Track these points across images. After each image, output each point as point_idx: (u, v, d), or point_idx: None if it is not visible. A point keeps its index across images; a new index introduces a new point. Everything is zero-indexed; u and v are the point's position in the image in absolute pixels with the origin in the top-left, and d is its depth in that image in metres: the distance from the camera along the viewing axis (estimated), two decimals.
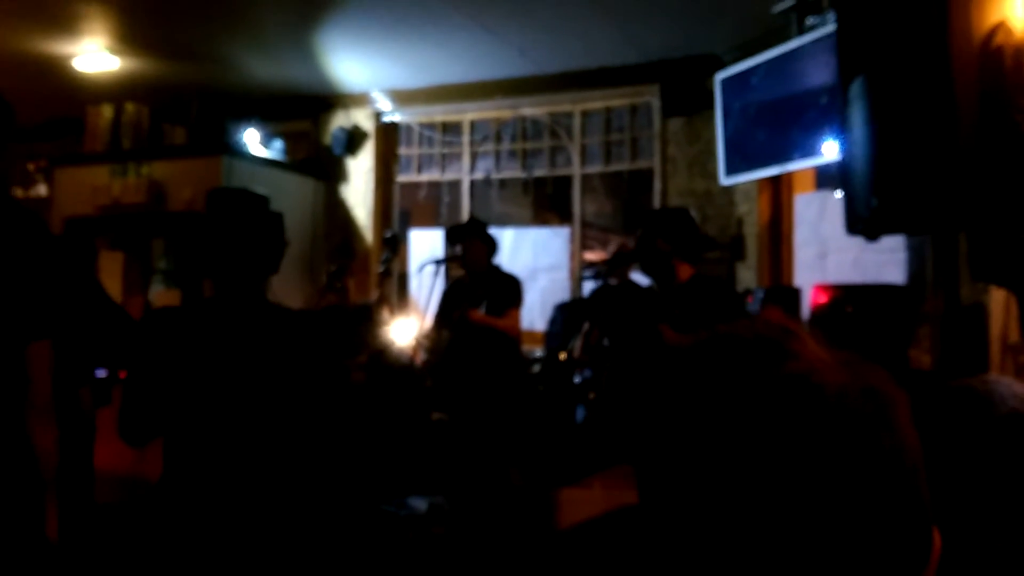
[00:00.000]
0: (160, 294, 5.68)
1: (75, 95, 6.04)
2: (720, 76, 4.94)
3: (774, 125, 4.69)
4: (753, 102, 4.82)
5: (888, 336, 3.63)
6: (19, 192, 6.97)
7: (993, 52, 1.72)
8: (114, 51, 5.41)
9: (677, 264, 2.97)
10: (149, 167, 5.61)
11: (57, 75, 5.74)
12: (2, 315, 1.76)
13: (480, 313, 3.86)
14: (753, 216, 5.19)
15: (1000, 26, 1.72)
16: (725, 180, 4.91)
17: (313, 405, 2.04)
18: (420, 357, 4.28)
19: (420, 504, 3.58)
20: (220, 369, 1.94)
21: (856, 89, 2.02)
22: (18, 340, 1.80)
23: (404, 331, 5.39)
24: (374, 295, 4.99)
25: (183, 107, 5.89)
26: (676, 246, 2.98)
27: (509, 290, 4.01)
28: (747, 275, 5.22)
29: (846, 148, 2.17)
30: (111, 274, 5.62)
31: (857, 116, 2.02)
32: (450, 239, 4.21)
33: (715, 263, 5.34)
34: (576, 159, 6.22)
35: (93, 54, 5.46)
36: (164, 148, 5.71)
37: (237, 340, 1.97)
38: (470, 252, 4.05)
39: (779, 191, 5.16)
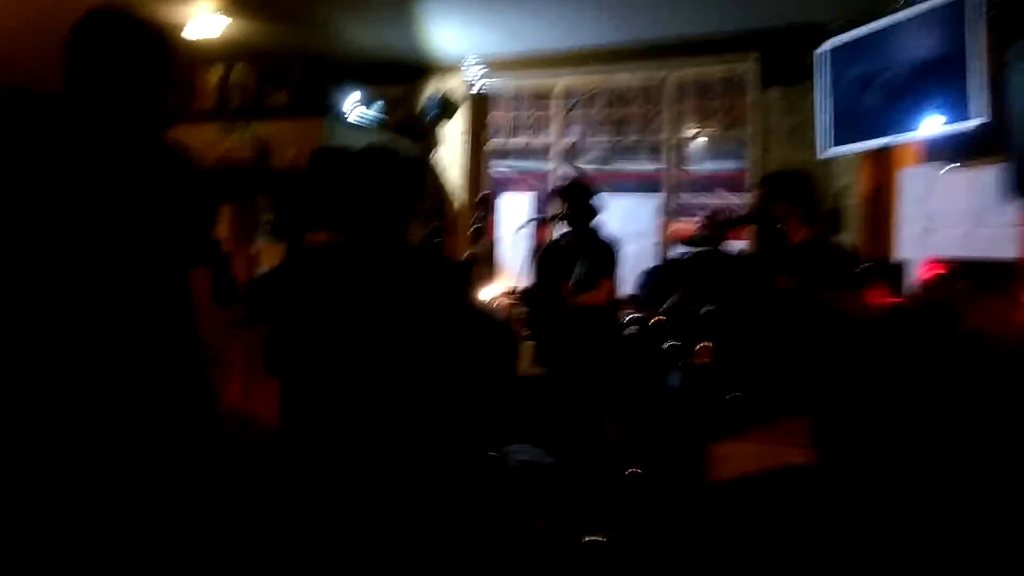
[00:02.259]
0: (265, 246, 5.91)
1: (187, 57, 6.27)
2: (828, 45, 4.84)
3: (882, 97, 4.59)
4: (861, 73, 4.71)
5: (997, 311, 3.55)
6: None
7: None
8: (224, 12, 5.60)
9: (793, 227, 2.97)
10: (255, 126, 5.81)
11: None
12: (168, 243, 1.85)
13: (569, 289, 3.89)
14: (852, 189, 5.10)
15: None
16: (830, 151, 4.83)
17: (441, 351, 2.12)
18: (514, 313, 4.36)
19: (522, 455, 3.68)
20: (357, 313, 2.04)
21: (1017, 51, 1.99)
22: (184, 266, 1.89)
23: (496, 289, 5.51)
24: (467, 254, 5.10)
25: (286, 70, 6.06)
26: (798, 208, 2.97)
27: (604, 258, 4.03)
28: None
29: (1010, 111, 2.14)
30: (220, 225, 5.87)
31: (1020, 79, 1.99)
32: (554, 196, 4.26)
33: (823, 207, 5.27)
34: (668, 127, 6.19)
35: (204, 16, 5.66)
36: (269, 109, 5.90)
37: (379, 285, 2.06)
38: (569, 212, 4.08)
39: (882, 165, 5.05)
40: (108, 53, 1.74)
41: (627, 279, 6.08)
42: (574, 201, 4.09)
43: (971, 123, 4.02)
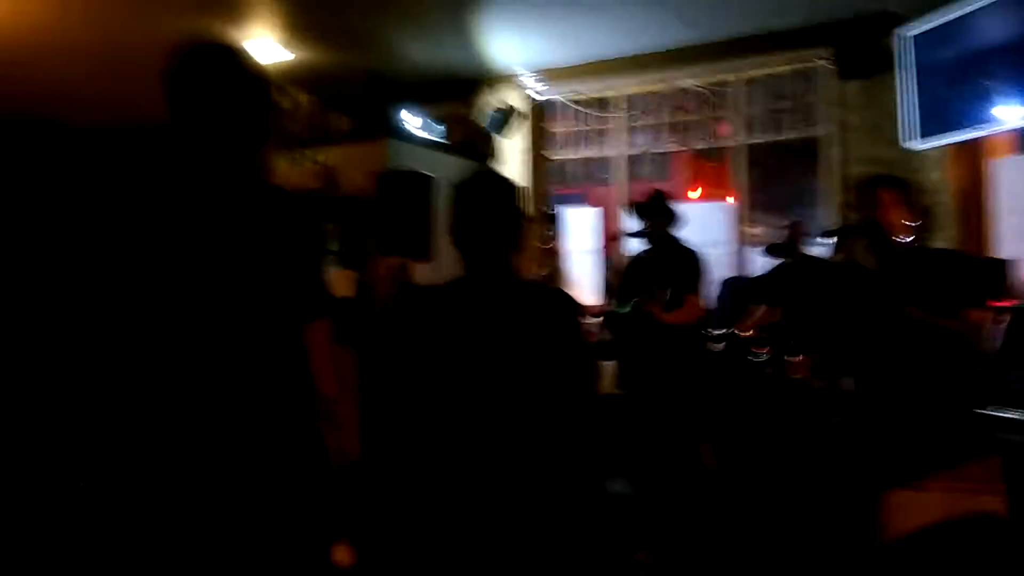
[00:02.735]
0: (336, 274, 5.90)
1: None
2: (910, 32, 4.60)
3: (971, 85, 4.34)
4: (945, 60, 4.47)
5: None
6: None
7: None
8: (285, 44, 5.63)
9: (902, 232, 2.77)
10: (320, 153, 5.82)
11: None
12: (287, 290, 1.75)
13: (658, 310, 3.74)
14: (944, 184, 4.83)
15: None
16: (919, 144, 4.58)
17: (558, 383, 2.00)
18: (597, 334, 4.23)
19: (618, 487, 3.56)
20: (475, 350, 1.94)
21: None
22: (303, 316, 1.79)
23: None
24: (543, 271, 4.99)
25: (345, 94, 6.06)
26: (906, 211, 2.77)
27: (690, 273, 3.87)
28: (937, 247, 4.86)
29: None
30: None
31: None
32: (637, 213, 4.12)
33: (925, 209, 5.02)
34: (739, 129, 5.99)
35: (263, 44, 5.71)
36: (332, 134, 5.91)
37: (490, 320, 1.96)
38: (654, 227, 3.95)
39: (973, 156, 4.77)
40: (221, 86, 1.69)
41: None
42: (656, 215, 3.95)
43: None
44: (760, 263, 5.22)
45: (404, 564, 1.87)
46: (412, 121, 5.98)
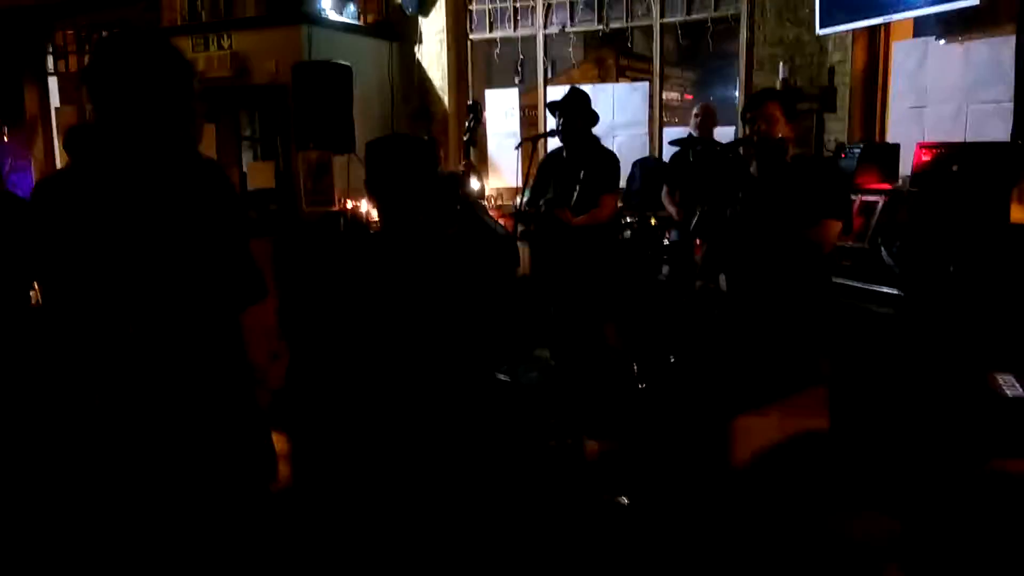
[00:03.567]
0: (251, 165, 5.86)
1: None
2: None
3: None
4: None
5: (991, 195, 3.59)
6: None
7: None
8: None
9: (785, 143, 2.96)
10: (230, 39, 5.62)
11: None
12: (222, 268, 1.80)
13: (568, 214, 3.87)
14: (846, 66, 5.00)
15: None
16: (821, 30, 4.70)
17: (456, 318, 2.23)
18: (511, 225, 4.39)
19: (532, 374, 3.84)
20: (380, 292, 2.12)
21: None
22: (237, 306, 1.87)
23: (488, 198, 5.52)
24: (460, 165, 5.06)
25: None
26: (790, 125, 2.95)
27: (606, 172, 3.97)
28: (837, 127, 5.10)
29: None
30: (205, 146, 5.80)
31: None
32: (549, 109, 4.17)
33: (803, 115, 5.21)
34: (656, 8, 5.98)
35: None
36: (244, 20, 5.69)
37: (398, 268, 2.14)
38: (568, 124, 3.99)
39: (876, 39, 4.94)
40: (140, 76, 1.69)
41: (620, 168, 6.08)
42: (570, 114, 4.00)
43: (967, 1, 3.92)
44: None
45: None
46: (324, 2, 5.79)
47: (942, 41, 4.51)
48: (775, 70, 5.28)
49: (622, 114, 6.20)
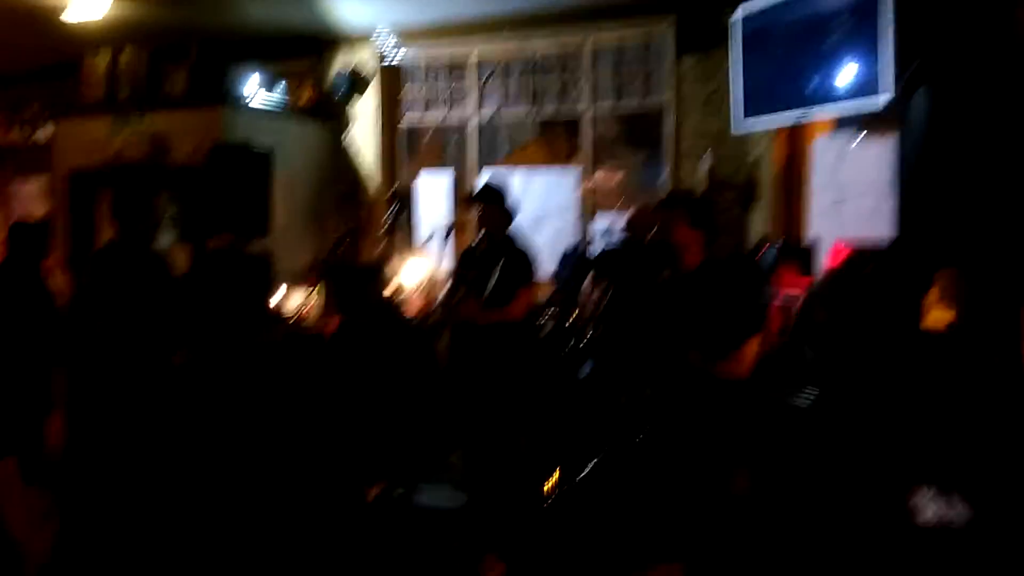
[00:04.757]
0: (174, 248, 5.63)
1: (71, 41, 5.85)
2: (740, 12, 4.69)
3: (795, 68, 4.47)
4: (773, 42, 4.59)
5: (904, 299, 3.54)
6: (18, 139, 6.93)
7: None
8: None
9: (692, 251, 2.87)
10: (149, 119, 5.49)
11: (52, 22, 5.55)
12: None
13: (475, 310, 3.75)
14: (768, 159, 5.04)
15: None
16: (742, 126, 4.73)
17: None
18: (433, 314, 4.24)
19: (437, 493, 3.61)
20: None
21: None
22: None
23: (414, 285, 5.37)
24: (381, 252, 4.94)
25: (182, 51, 5.71)
26: (699, 231, 2.86)
27: (520, 268, 3.89)
28: (760, 220, 5.10)
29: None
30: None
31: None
32: (467, 202, 4.09)
33: (727, 208, 5.22)
34: (587, 97, 6.02)
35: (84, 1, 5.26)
36: (164, 98, 5.58)
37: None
38: (485, 217, 3.93)
39: (796, 134, 4.98)
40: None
41: (549, 254, 6.01)
42: (487, 205, 3.93)
43: (881, 98, 3.95)
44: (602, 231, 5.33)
45: None
46: (251, 85, 5.71)
47: (860, 137, 4.56)
48: (699, 162, 5.30)
49: (553, 200, 6.16)
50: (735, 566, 2.78)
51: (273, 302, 5.00)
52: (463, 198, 4.16)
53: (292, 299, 5.50)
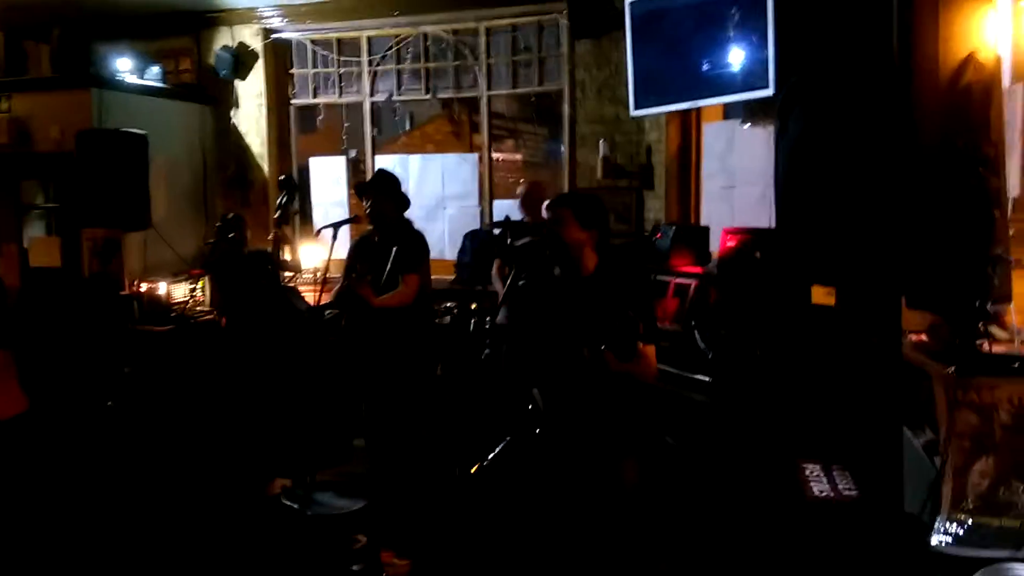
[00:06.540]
0: (38, 240, 5.24)
1: None
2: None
3: (684, 55, 4.52)
4: (663, 29, 4.63)
5: (792, 279, 3.66)
6: None
7: (961, 91, 1.55)
8: None
9: (586, 253, 2.85)
10: (9, 101, 5.04)
11: None
12: None
13: (372, 295, 3.68)
14: (662, 144, 5.10)
15: (969, 60, 1.53)
16: (634, 112, 4.77)
17: None
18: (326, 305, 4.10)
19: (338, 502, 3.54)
20: None
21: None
22: None
23: (304, 274, 5.20)
24: (270, 241, 4.73)
25: (46, 31, 5.27)
26: (590, 233, 2.84)
27: (412, 252, 3.82)
28: (656, 204, 5.18)
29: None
30: None
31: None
32: (357, 193, 3.96)
33: (623, 192, 5.28)
34: (483, 80, 5.94)
35: None
36: (26, 81, 5.14)
37: None
38: (376, 208, 3.81)
39: (688, 120, 5.07)
40: None
41: (451, 239, 5.94)
42: (378, 197, 3.82)
43: (770, 90, 4.03)
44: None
45: None
46: (124, 64, 5.33)
47: (748, 125, 4.68)
48: (596, 146, 5.33)
49: (452, 185, 6.07)
50: (634, 551, 2.85)
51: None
52: (354, 187, 4.03)
53: (178, 290, 5.23)
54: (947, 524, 2.49)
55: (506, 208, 5.62)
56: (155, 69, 5.63)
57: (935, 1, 1.79)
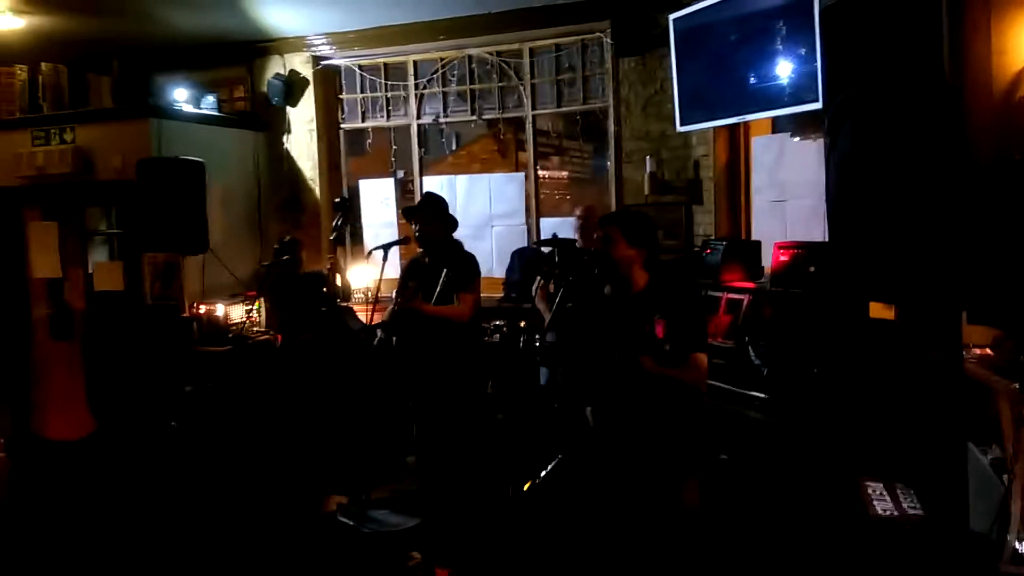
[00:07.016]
0: (102, 265, 5.43)
1: None
2: (673, 15, 4.71)
3: (731, 70, 4.50)
4: (708, 44, 4.62)
5: (849, 295, 3.60)
6: None
7: (1017, 104, 1.51)
8: (17, 12, 4.94)
9: (635, 271, 2.85)
10: (73, 132, 5.25)
11: None
12: None
13: (426, 305, 3.73)
14: (710, 159, 5.07)
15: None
16: (681, 128, 4.76)
17: None
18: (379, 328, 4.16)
19: (393, 519, 3.58)
20: None
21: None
22: None
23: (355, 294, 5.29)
24: (326, 263, 4.83)
25: (106, 63, 5.48)
26: (639, 250, 2.84)
27: (464, 272, 3.86)
28: (705, 220, 5.14)
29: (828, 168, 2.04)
30: (47, 246, 5.37)
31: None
32: (405, 216, 4.03)
33: (672, 208, 5.26)
34: (527, 100, 5.99)
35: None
36: (88, 113, 5.35)
37: None
38: (424, 230, 3.87)
39: (736, 134, 5.03)
40: None
41: (498, 258, 5.98)
42: (426, 220, 3.88)
43: (819, 104, 3.97)
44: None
45: None
46: (180, 94, 5.52)
47: (797, 137, 4.63)
48: (643, 163, 5.33)
49: (499, 204, 6.12)
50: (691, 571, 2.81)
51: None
52: (402, 211, 4.10)
53: (235, 310, 5.37)
54: (1017, 543, 2.42)
55: (553, 225, 5.67)
56: (210, 98, 5.81)
57: (987, 15, 1.76)
